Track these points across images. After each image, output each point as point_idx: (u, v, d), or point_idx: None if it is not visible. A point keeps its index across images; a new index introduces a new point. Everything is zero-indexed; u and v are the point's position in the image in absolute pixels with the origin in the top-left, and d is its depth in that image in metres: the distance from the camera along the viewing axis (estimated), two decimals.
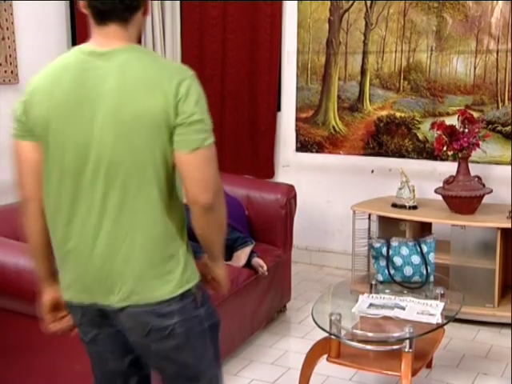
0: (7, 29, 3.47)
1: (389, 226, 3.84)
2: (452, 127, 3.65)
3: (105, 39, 1.57)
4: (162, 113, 1.51)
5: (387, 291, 2.87)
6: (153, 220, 1.59)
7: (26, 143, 1.63)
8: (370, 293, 2.85)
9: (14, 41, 3.52)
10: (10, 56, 3.50)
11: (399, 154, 4.31)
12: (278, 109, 4.65)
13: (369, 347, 2.51)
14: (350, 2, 4.33)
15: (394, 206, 3.85)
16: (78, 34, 3.96)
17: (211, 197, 1.57)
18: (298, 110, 4.60)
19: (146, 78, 1.53)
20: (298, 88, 4.58)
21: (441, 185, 3.76)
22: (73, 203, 1.60)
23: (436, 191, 3.76)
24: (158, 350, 1.67)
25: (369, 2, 4.28)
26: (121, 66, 1.54)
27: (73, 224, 1.61)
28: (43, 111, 1.58)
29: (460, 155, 3.64)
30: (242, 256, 3.32)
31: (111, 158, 1.54)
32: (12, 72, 3.52)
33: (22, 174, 1.67)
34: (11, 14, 3.49)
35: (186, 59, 4.67)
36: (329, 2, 4.40)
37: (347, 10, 4.37)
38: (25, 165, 1.66)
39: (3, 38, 3.46)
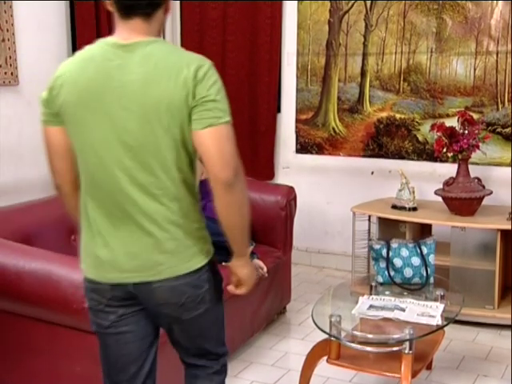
0: (7, 30, 3.47)
1: (389, 228, 3.84)
2: (452, 129, 3.65)
3: (129, 32, 1.66)
4: (182, 97, 1.60)
5: (387, 293, 2.87)
6: (179, 195, 1.69)
7: (54, 128, 1.74)
8: (370, 294, 2.84)
9: (14, 42, 3.51)
10: (10, 58, 3.50)
11: (399, 155, 4.32)
12: (278, 110, 4.65)
13: (369, 349, 2.51)
14: (350, 4, 4.34)
15: (394, 207, 3.85)
16: (78, 36, 3.95)
17: (230, 172, 1.63)
18: (298, 111, 4.60)
19: (167, 66, 1.62)
20: (297, 89, 4.58)
21: (441, 186, 3.76)
22: (107, 183, 1.69)
23: (436, 193, 3.76)
24: (188, 318, 1.77)
25: (369, 4, 4.28)
26: (144, 57, 1.63)
27: (110, 202, 1.70)
28: (69, 97, 1.68)
29: (460, 157, 3.65)
30: None
31: (135, 141, 1.63)
32: (12, 73, 3.52)
33: (52, 160, 1.79)
34: (11, 16, 3.49)
35: None
36: (329, 4, 4.40)
37: (347, 12, 4.37)
38: (54, 150, 1.77)
39: (3, 40, 3.46)
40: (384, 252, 2.96)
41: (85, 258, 1.79)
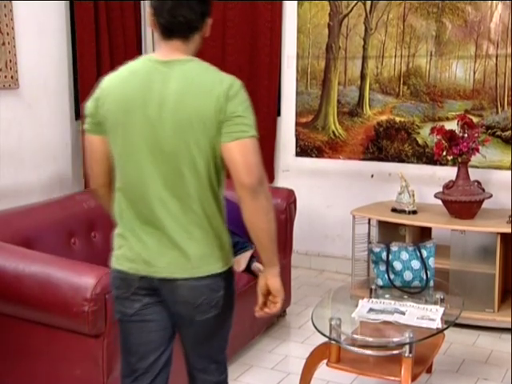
0: (7, 34, 3.48)
1: (388, 231, 3.84)
2: (452, 132, 3.66)
3: (168, 51, 1.85)
4: (214, 112, 1.76)
5: (387, 296, 2.87)
6: (206, 202, 1.84)
7: (95, 137, 1.90)
8: (370, 298, 2.84)
9: (14, 46, 3.52)
10: (11, 61, 3.50)
11: (399, 158, 4.32)
12: (278, 113, 4.65)
13: (369, 352, 2.51)
14: (350, 7, 4.35)
15: (394, 210, 3.85)
16: (78, 40, 3.96)
17: (255, 180, 1.77)
18: (298, 114, 4.60)
19: (202, 83, 1.80)
20: (297, 93, 4.58)
21: (440, 189, 3.76)
22: (140, 186, 1.84)
23: (436, 196, 3.76)
24: (200, 319, 1.89)
25: (368, 7, 4.29)
26: (181, 74, 1.81)
27: (137, 202, 1.86)
28: (113, 107, 1.84)
29: (460, 160, 3.65)
30: (241, 261, 3.32)
31: (169, 148, 1.79)
32: (12, 77, 3.53)
33: (93, 166, 1.95)
34: (11, 20, 3.50)
35: None
36: (328, 7, 4.41)
37: (347, 15, 4.38)
38: (94, 156, 1.93)
39: (3, 44, 3.46)
40: (384, 255, 2.96)
41: (117, 251, 1.93)
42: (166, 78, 1.80)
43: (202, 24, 1.89)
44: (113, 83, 1.88)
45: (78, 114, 4.09)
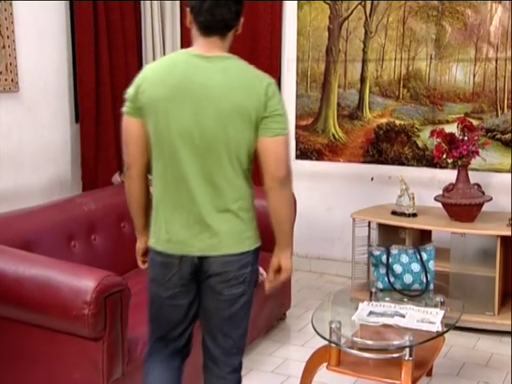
0: (8, 37, 3.48)
1: (388, 234, 3.84)
2: (451, 135, 3.66)
3: (208, 47, 2.00)
4: (255, 108, 1.95)
5: (387, 299, 2.86)
6: (236, 188, 2.02)
7: (134, 120, 2.03)
8: (370, 300, 2.84)
9: (14, 49, 3.52)
10: (11, 64, 3.50)
11: (399, 161, 4.32)
12: None
13: (369, 355, 2.50)
14: (350, 11, 4.35)
15: (394, 213, 3.85)
16: (77, 43, 3.96)
17: (285, 172, 2.01)
18: (298, 117, 4.60)
19: (243, 79, 1.99)
20: (297, 95, 4.59)
21: (440, 192, 3.76)
22: (176, 169, 1.99)
23: (436, 199, 3.76)
24: (229, 294, 2.05)
25: (368, 10, 4.30)
26: (223, 69, 1.98)
27: (179, 187, 2.00)
28: (156, 94, 1.97)
29: (459, 163, 3.65)
30: None
31: (208, 137, 1.95)
32: (12, 80, 3.53)
33: (128, 144, 2.07)
34: (12, 23, 3.50)
35: None
36: (328, 11, 4.42)
37: (347, 18, 4.38)
38: (131, 137, 2.06)
39: (3, 47, 3.46)
40: (384, 258, 2.96)
41: (155, 233, 2.07)
42: (209, 72, 1.97)
43: (237, 22, 2.03)
44: (154, 72, 2.03)
45: (78, 116, 4.09)
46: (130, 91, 2.05)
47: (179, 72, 1.99)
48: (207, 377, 2.19)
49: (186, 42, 4.69)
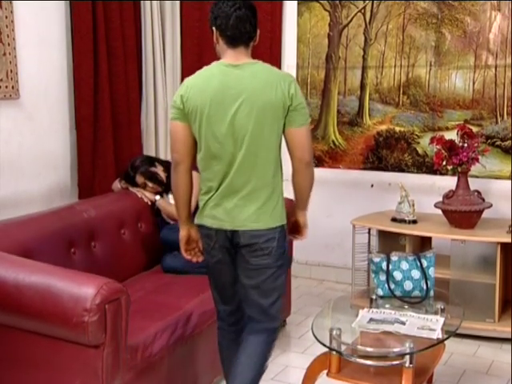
0: (8, 44, 3.49)
1: (389, 241, 3.84)
2: (451, 142, 3.66)
3: (236, 56, 2.40)
4: (280, 102, 2.33)
5: (387, 306, 2.86)
6: (268, 173, 2.40)
7: (181, 124, 2.40)
8: (370, 307, 2.84)
9: (15, 56, 3.53)
10: (11, 71, 3.51)
11: (399, 168, 4.32)
12: None
13: (369, 362, 2.50)
14: (350, 18, 4.37)
15: (394, 220, 3.85)
16: (75, 50, 3.97)
17: (310, 156, 2.44)
18: None
19: (269, 80, 2.36)
20: None
21: (440, 199, 3.76)
22: (217, 160, 2.37)
23: (436, 205, 3.76)
24: (256, 263, 2.41)
25: (368, 18, 4.31)
26: (251, 73, 2.37)
27: (219, 174, 2.38)
28: (199, 101, 2.35)
29: (459, 170, 3.65)
30: None
31: (244, 132, 2.33)
32: (13, 87, 3.53)
33: (175, 145, 2.44)
34: (12, 30, 3.51)
35: (186, 74, 4.68)
36: (328, 18, 4.43)
37: (346, 26, 4.40)
38: (179, 138, 2.42)
39: (4, 54, 3.47)
40: (384, 265, 2.96)
41: (201, 213, 2.46)
42: (240, 77, 2.35)
43: (256, 33, 2.44)
44: (195, 82, 2.40)
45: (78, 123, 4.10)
46: (175, 100, 2.40)
47: (216, 80, 2.36)
48: (245, 332, 2.54)
49: (186, 50, 4.70)
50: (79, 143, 4.03)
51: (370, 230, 3.95)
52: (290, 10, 4.53)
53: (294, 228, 2.60)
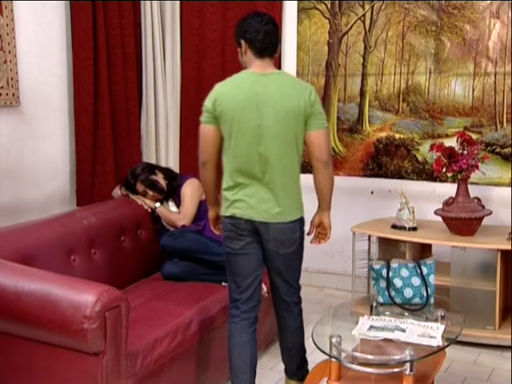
0: (9, 52, 3.50)
1: (389, 247, 3.83)
2: (451, 149, 3.67)
3: (263, 66, 2.68)
4: (302, 109, 2.62)
5: (387, 313, 2.85)
6: (292, 172, 2.69)
7: (211, 126, 2.65)
8: (371, 315, 2.83)
9: (15, 64, 3.55)
10: (12, 79, 3.53)
11: (399, 175, 4.33)
12: None
13: (369, 370, 2.49)
14: (349, 25, 4.38)
15: (394, 227, 3.85)
16: (74, 58, 3.99)
17: (327, 156, 2.69)
18: None
19: (292, 89, 2.66)
20: None
21: (440, 206, 3.76)
22: (247, 160, 2.63)
23: (436, 212, 3.76)
24: (283, 253, 2.71)
25: (367, 26, 4.32)
26: (277, 82, 2.66)
27: (248, 172, 2.64)
28: (230, 106, 2.61)
29: (459, 177, 3.66)
30: None
31: (272, 134, 2.61)
32: (13, 94, 3.55)
33: (205, 146, 2.68)
34: (13, 38, 3.52)
35: (185, 81, 4.70)
36: (328, 25, 4.44)
37: (346, 33, 4.41)
38: (209, 139, 2.67)
39: (5, 61, 3.49)
40: (384, 272, 2.95)
41: (230, 205, 2.68)
42: (268, 85, 2.63)
43: (279, 45, 2.76)
44: (226, 88, 2.66)
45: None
46: (207, 104, 2.64)
47: (246, 87, 2.63)
48: (277, 310, 2.92)
49: (185, 57, 4.72)
50: (78, 150, 4.04)
51: (370, 236, 3.95)
52: (289, 18, 4.54)
53: (318, 231, 2.87)
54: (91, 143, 4.08)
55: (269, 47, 2.68)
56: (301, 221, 2.74)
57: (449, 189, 3.88)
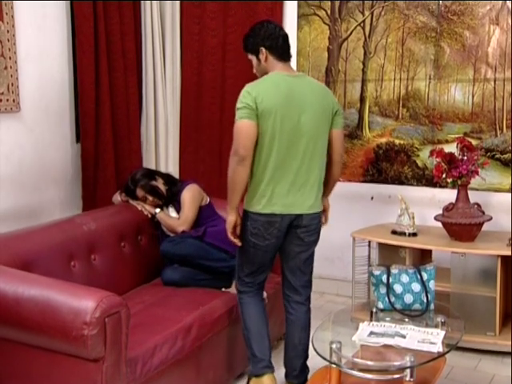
0: (10, 58, 3.51)
1: (389, 253, 3.83)
2: (451, 155, 3.67)
3: (287, 69, 2.88)
4: (330, 108, 2.87)
5: (388, 319, 2.85)
6: (322, 166, 2.89)
7: (253, 122, 2.72)
8: (371, 321, 2.83)
9: (16, 70, 3.55)
10: (12, 85, 3.53)
11: (399, 180, 4.33)
12: None
13: (369, 376, 2.49)
14: (349, 31, 4.39)
15: (394, 232, 3.85)
16: (78, 64, 3.99)
17: (344, 152, 3.25)
18: None
19: (321, 89, 2.93)
20: None
21: (440, 212, 3.76)
22: (286, 155, 2.78)
23: (436, 218, 3.76)
24: (307, 241, 2.92)
25: (367, 32, 4.34)
26: (308, 83, 2.89)
27: (287, 167, 2.79)
28: (271, 102, 2.72)
29: (459, 182, 3.66)
30: None
31: (308, 131, 2.79)
32: (14, 100, 3.55)
33: (245, 141, 2.72)
34: (14, 44, 3.53)
35: (185, 86, 4.71)
36: (328, 32, 4.46)
37: (346, 39, 4.42)
38: (249, 134, 2.72)
39: (5, 67, 3.49)
40: (384, 278, 2.95)
41: (264, 201, 2.80)
42: (301, 85, 2.82)
43: None
44: (265, 87, 2.77)
45: (79, 136, 4.11)
46: (247, 101, 2.71)
47: (284, 86, 2.77)
48: (288, 303, 3.02)
49: (185, 63, 4.73)
50: (83, 156, 4.04)
51: (370, 242, 3.95)
52: (289, 24, 4.55)
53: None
54: (93, 149, 4.09)
55: (288, 51, 2.90)
56: (321, 213, 2.97)
57: (449, 194, 3.88)
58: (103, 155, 4.16)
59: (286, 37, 2.90)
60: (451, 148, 3.79)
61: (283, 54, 2.87)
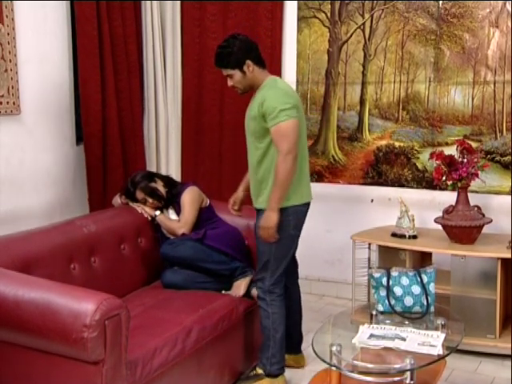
0: (10, 61, 3.51)
1: (389, 256, 3.83)
2: (451, 157, 3.67)
3: (270, 74, 3.12)
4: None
5: (388, 322, 2.85)
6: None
7: (297, 121, 2.93)
8: (371, 323, 2.83)
9: (16, 72, 3.55)
10: (13, 87, 3.53)
11: (398, 183, 4.33)
12: None
13: (369, 379, 2.48)
14: (349, 34, 4.40)
15: (394, 235, 3.85)
16: (80, 66, 4.00)
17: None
18: None
19: None
20: None
21: (440, 214, 3.76)
22: (305, 147, 3.10)
23: (436, 221, 3.76)
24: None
25: (367, 34, 4.34)
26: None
27: (307, 158, 3.15)
28: (299, 102, 3.05)
29: (459, 185, 3.66)
30: (241, 286, 3.32)
31: (304, 126, 3.13)
32: (14, 103, 3.55)
33: (296, 139, 2.90)
34: (14, 47, 3.53)
35: (186, 88, 4.71)
36: (328, 34, 4.46)
37: (346, 42, 4.43)
38: (298, 133, 2.92)
39: (6, 70, 3.49)
40: (384, 280, 2.95)
41: (302, 192, 3.05)
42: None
43: None
44: (292, 89, 3.12)
45: (80, 139, 4.11)
46: (293, 101, 2.93)
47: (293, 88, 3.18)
48: (291, 283, 3.30)
49: (186, 65, 4.73)
50: (88, 159, 4.04)
51: (370, 245, 3.95)
52: (289, 27, 4.56)
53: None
54: (100, 152, 4.09)
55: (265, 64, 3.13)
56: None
57: (449, 197, 3.88)
58: (111, 158, 4.17)
59: (258, 45, 3.09)
60: (451, 150, 3.79)
61: (263, 62, 3.06)
